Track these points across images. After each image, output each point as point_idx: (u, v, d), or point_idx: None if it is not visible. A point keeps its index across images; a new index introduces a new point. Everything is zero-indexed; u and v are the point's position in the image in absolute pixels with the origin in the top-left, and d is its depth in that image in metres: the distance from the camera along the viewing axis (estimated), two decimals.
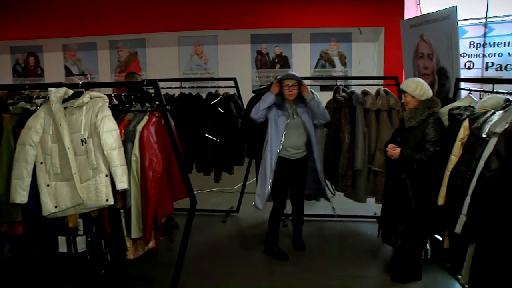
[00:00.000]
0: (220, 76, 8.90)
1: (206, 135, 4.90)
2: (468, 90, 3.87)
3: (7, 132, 3.18)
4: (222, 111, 4.91)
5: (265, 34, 9.23)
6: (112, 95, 3.34)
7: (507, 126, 2.72)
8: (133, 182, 3.12)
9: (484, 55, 6.77)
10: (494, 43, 6.68)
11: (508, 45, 6.54)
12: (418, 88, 3.51)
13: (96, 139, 2.98)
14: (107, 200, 2.99)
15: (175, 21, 8.90)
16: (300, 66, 8.88)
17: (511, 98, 3.07)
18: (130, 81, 4.59)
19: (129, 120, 3.24)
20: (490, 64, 6.73)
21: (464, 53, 6.83)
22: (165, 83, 5.08)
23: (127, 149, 3.12)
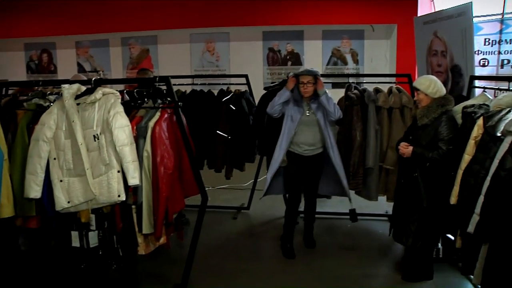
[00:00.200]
0: (232, 73, 8.90)
1: (218, 131, 4.90)
2: (482, 88, 3.82)
3: (22, 128, 3.23)
4: (234, 108, 4.91)
5: (277, 31, 9.20)
6: (124, 91, 3.37)
7: None
8: (144, 178, 3.14)
9: (499, 52, 6.66)
10: (510, 40, 6.57)
11: None
12: (431, 85, 3.48)
13: (109, 135, 3.01)
14: (119, 196, 3.02)
15: (187, 18, 8.91)
16: (312, 63, 8.80)
17: None
18: (142, 78, 4.62)
19: (141, 117, 3.26)
20: (505, 62, 6.61)
21: (478, 50, 6.72)
22: (176, 80, 5.09)
23: (139, 145, 3.14)
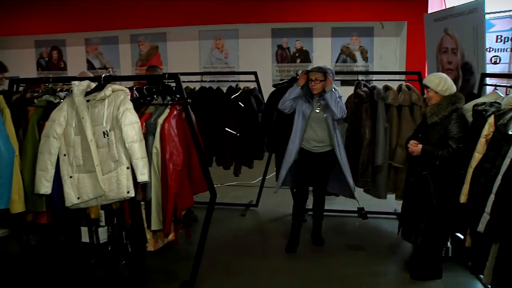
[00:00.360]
0: (241, 70, 8.90)
1: (226, 129, 4.91)
2: (494, 85, 3.77)
3: (32, 124, 3.25)
4: (243, 105, 4.91)
5: (286, 28, 9.19)
6: (134, 88, 3.37)
7: None
8: (153, 175, 3.15)
9: None
10: None
11: None
12: (441, 83, 3.45)
13: (118, 131, 3.02)
14: (128, 192, 3.03)
15: (196, 15, 8.93)
16: (321, 61, 8.70)
17: None
18: (151, 75, 4.63)
19: (150, 113, 3.27)
20: None
21: (490, 47, 6.64)
22: (185, 77, 5.11)
23: (148, 142, 3.15)
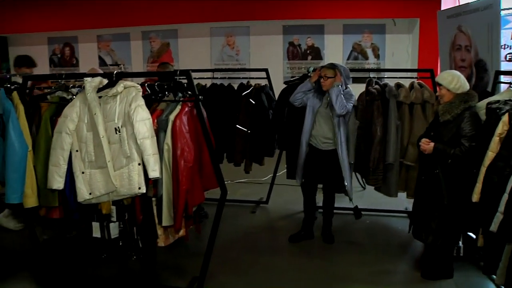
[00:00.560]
0: (252, 67, 8.90)
1: (237, 125, 4.91)
2: (508, 83, 3.73)
3: (45, 120, 3.28)
4: (254, 102, 4.91)
5: (297, 25, 9.15)
6: (146, 84, 3.38)
7: None
8: (165, 171, 3.16)
9: None
10: None
11: None
12: (454, 81, 3.41)
13: (130, 128, 3.03)
14: (139, 188, 3.05)
15: (207, 11, 8.93)
16: (332, 58, 8.72)
17: None
18: (163, 71, 4.65)
19: (162, 110, 3.28)
20: None
21: (505, 44, 6.54)
22: (197, 74, 5.10)
23: (160, 138, 3.16)
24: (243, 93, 4.97)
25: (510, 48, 6.57)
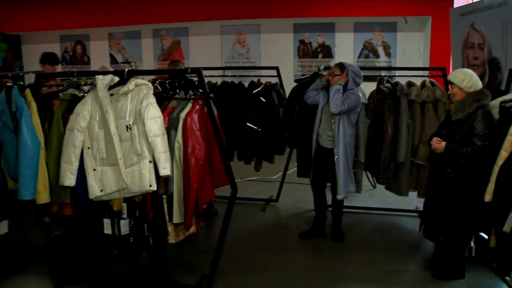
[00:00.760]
0: (262, 65, 8.88)
1: (248, 123, 4.91)
2: None
3: (57, 118, 3.31)
4: (264, 100, 4.91)
5: (307, 23, 9.12)
6: (157, 82, 3.39)
7: None
8: (175, 169, 3.18)
9: None
10: None
11: None
12: (466, 79, 3.37)
13: (141, 125, 3.05)
14: (150, 186, 3.06)
15: (218, 10, 8.94)
16: (343, 56, 8.71)
17: None
18: (174, 69, 4.66)
19: (173, 108, 3.29)
20: None
21: None
22: (207, 72, 5.10)
23: (171, 136, 3.17)
24: (254, 91, 4.97)
25: None
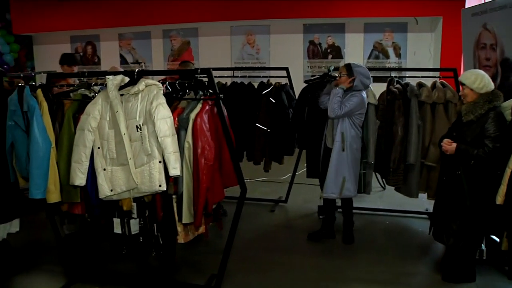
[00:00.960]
0: (272, 65, 8.88)
1: (257, 124, 4.91)
2: None
3: (68, 117, 3.33)
4: (274, 101, 4.90)
5: (317, 24, 9.10)
6: (167, 82, 3.41)
7: None
8: (185, 169, 3.19)
9: None
10: None
11: None
12: (478, 80, 3.34)
13: (151, 126, 3.06)
14: (160, 186, 3.08)
15: (228, 10, 8.95)
16: (353, 57, 8.69)
17: None
18: (184, 70, 4.67)
19: (183, 108, 3.30)
20: None
21: None
22: (217, 72, 5.12)
23: (180, 136, 3.19)
24: (263, 92, 4.96)
25: None
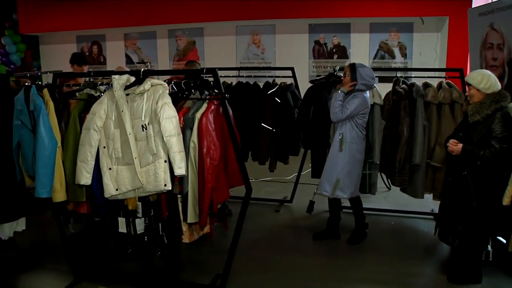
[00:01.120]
0: (277, 65, 8.88)
1: (263, 124, 4.90)
2: None
3: (74, 117, 3.35)
4: (279, 101, 4.90)
5: (323, 24, 9.09)
6: (172, 82, 3.41)
7: None
8: (190, 169, 3.19)
9: None
10: None
11: None
12: (484, 80, 3.32)
13: (156, 125, 3.07)
14: (165, 185, 3.08)
15: (233, 10, 8.95)
16: (359, 57, 8.66)
17: None
18: (190, 69, 4.68)
19: (188, 108, 3.31)
20: None
21: None
22: (222, 72, 5.13)
23: (186, 136, 3.19)
24: (269, 92, 4.96)
25: None
